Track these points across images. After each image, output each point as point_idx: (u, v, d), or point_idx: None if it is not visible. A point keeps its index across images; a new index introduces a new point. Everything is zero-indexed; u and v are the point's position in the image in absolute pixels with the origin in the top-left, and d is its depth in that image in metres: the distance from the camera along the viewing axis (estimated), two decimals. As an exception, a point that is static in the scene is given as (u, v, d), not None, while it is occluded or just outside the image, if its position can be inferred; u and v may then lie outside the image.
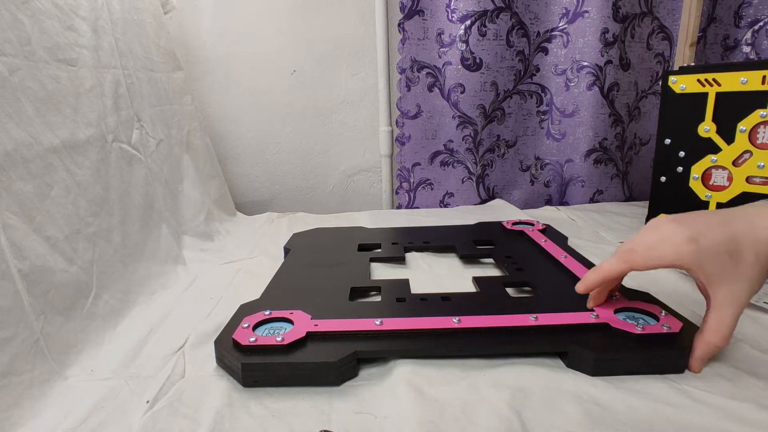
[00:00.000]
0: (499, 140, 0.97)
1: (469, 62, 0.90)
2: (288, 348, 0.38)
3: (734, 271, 0.34)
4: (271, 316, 0.43)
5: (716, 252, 0.34)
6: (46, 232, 0.43)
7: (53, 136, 0.47)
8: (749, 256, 0.34)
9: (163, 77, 0.76)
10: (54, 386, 0.37)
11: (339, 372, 0.37)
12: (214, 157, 0.89)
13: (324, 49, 0.97)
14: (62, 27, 0.52)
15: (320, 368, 0.37)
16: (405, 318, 0.43)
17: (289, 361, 0.37)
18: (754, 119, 0.57)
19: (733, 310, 0.35)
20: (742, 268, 0.34)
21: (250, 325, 0.41)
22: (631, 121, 0.97)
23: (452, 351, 0.40)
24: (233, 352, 0.38)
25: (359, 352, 0.38)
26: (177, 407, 0.35)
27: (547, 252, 0.60)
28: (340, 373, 0.37)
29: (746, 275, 0.34)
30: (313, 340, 0.40)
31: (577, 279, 0.50)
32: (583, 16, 0.89)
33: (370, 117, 1.01)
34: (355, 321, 0.42)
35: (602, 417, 0.33)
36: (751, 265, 0.34)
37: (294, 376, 0.37)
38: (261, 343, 0.38)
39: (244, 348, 0.38)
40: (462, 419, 0.33)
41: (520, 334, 0.41)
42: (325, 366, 0.37)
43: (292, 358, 0.37)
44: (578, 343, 0.38)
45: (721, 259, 0.34)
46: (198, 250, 0.69)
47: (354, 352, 0.38)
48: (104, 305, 0.47)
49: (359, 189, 1.06)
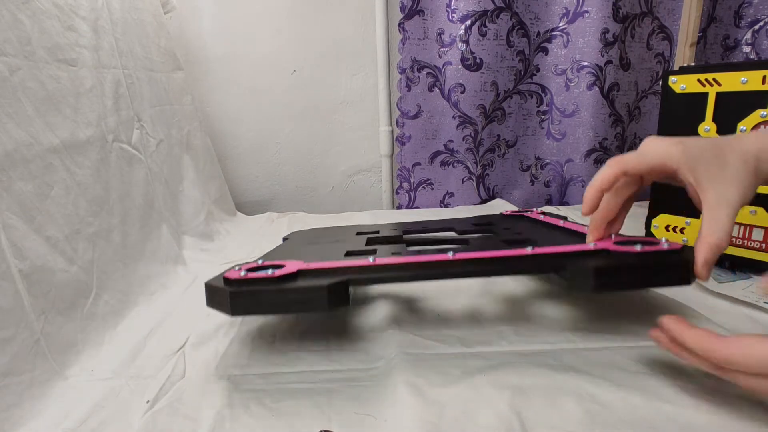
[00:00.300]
0: (500, 140, 0.97)
1: (470, 62, 0.90)
2: (279, 279, 0.37)
3: (721, 174, 0.35)
4: (264, 264, 0.41)
5: (702, 154, 0.35)
6: (46, 232, 0.43)
7: (53, 136, 0.47)
8: (736, 161, 0.35)
9: (163, 77, 0.76)
10: (54, 386, 0.37)
11: (330, 297, 0.35)
12: (214, 157, 0.89)
13: (324, 49, 0.97)
14: (62, 27, 0.52)
15: (311, 292, 0.35)
16: (399, 257, 0.41)
17: (279, 288, 0.36)
18: (755, 119, 0.56)
19: (727, 210, 0.34)
20: (730, 171, 0.35)
21: (242, 269, 0.40)
22: (631, 121, 0.97)
23: (446, 275, 0.38)
24: (223, 287, 0.37)
25: (351, 280, 0.37)
26: (177, 407, 0.35)
27: (547, 223, 0.58)
28: (331, 298, 0.35)
29: (735, 178, 0.35)
30: (304, 276, 0.38)
31: (577, 233, 0.48)
32: (583, 16, 0.89)
33: (370, 117, 1.01)
34: (348, 261, 0.41)
35: (602, 416, 0.32)
36: (737, 169, 0.35)
37: (284, 302, 0.36)
38: (251, 276, 0.37)
39: (234, 281, 0.37)
40: (462, 419, 0.33)
41: (518, 261, 0.38)
42: (317, 289, 0.35)
43: (283, 286, 0.36)
44: (578, 261, 0.36)
45: (707, 161, 0.35)
46: (198, 250, 0.69)
47: (346, 279, 0.36)
48: (104, 305, 0.47)
49: (359, 189, 1.06)
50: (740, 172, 0.34)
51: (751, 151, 0.35)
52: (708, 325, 0.43)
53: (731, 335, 0.31)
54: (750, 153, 0.35)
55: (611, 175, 0.38)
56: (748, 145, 0.35)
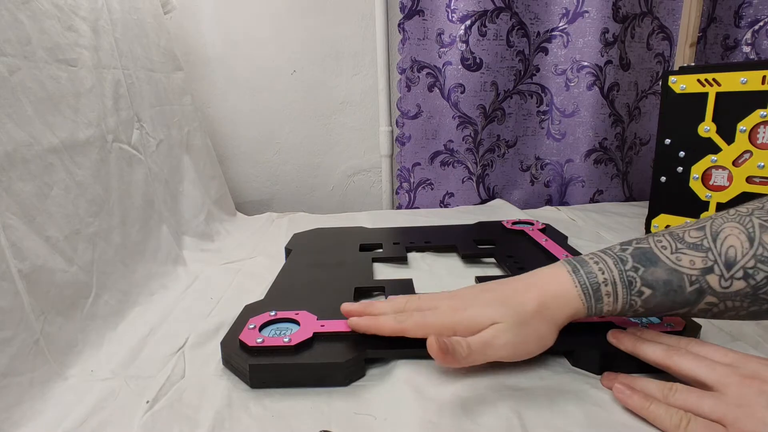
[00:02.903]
0: (500, 140, 0.97)
1: (469, 62, 0.90)
2: (295, 349, 0.38)
3: None
4: (277, 317, 0.43)
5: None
6: (46, 233, 0.43)
7: (53, 136, 0.47)
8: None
9: (163, 77, 0.76)
10: (54, 387, 0.37)
11: (346, 373, 0.37)
12: (214, 157, 0.89)
13: (324, 49, 0.97)
14: (62, 27, 0.52)
15: (328, 369, 0.37)
16: None
17: (297, 362, 0.37)
18: (754, 119, 0.57)
19: None
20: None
21: (257, 326, 0.41)
22: (631, 121, 0.97)
23: None
24: (240, 354, 0.38)
25: (367, 352, 0.38)
26: (177, 407, 0.35)
27: (548, 251, 0.60)
28: (347, 373, 0.37)
29: None
30: (320, 341, 0.40)
31: None
32: (583, 16, 0.89)
33: (370, 117, 1.01)
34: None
35: (603, 417, 0.32)
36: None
37: (302, 376, 0.37)
38: (268, 344, 0.38)
39: (252, 349, 0.38)
40: (462, 419, 0.33)
41: None
42: (334, 366, 0.37)
43: (300, 359, 0.37)
44: (584, 342, 0.38)
45: None
46: (198, 251, 0.69)
47: (362, 353, 0.38)
48: (104, 305, 0.47)
49: (359, 189, 1.06)
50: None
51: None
52: (709, 326, 0.43)
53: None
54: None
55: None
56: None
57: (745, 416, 0.28)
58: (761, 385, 0.29)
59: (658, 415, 0.31)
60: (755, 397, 0.28)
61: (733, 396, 0.29)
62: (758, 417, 0.28)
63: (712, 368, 0.31)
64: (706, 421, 0.29)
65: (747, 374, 0.30)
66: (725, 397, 0.29)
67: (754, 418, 0.28)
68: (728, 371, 0.31)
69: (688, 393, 0.31)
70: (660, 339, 0.36)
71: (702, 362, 0.32)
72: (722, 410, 0.29)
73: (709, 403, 0.30)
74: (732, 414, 0.28)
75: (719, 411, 0.29)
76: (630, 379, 0.35)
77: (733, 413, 0.28)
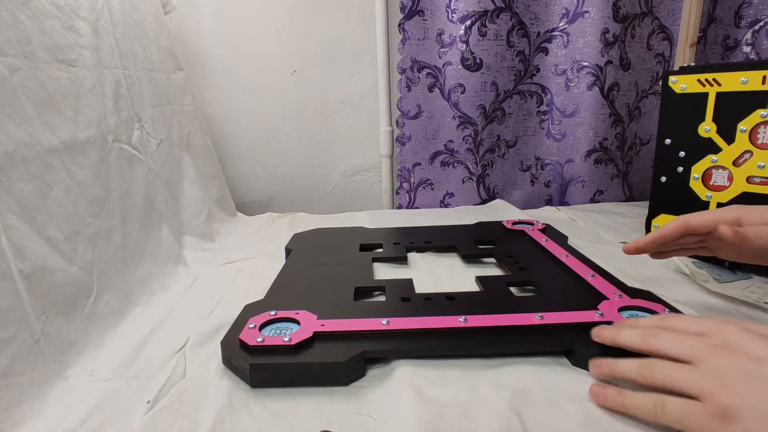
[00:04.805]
0: (500, 140, 0.97)
1: (470, 62, 0.90)
2: (296, 348, 0.38)
3: None
4: (277, 316, 0.43)
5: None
6: (46, 233, 0.43)
7: (53, 136, 0.47)
8: None
9: (163, 77, 0.76)
10: (54, 387, 0.37)
11: (347, 372, 0.37)
12: (214, 157, 0.89)
13: (324, 49, 0.97)
14: (62, 27, 0.52)
15: (328, 368, 0.37)
16: (411, 318, 0.43)
17: (297, 362, 0.37)
18: (755, 119, 0.56)
19: None
20: None
21: (257, 326, 0.41)
22: (631, 121, 0.97)
23: (459, 351, 0.40)
24: (240, 353, 0.38)
25: (367, 352, 0.38)
26: (177, 408, 0.35)
27: (549, 251, 0.60)
28: (348, 373, 0.37)
29: None
30: (320, 340, 0.40)
31: (578, 277, 0.51)
32: (583, 16, 0.89)
33: (370, 117, 1.01)
34: (361, 321, 0.42)
35: (603, 417, 0.32)
36: None
37: (302, 376, 0.37)
38: (268, 344, 0.38)
39: (252, 348, 0.38)
40: (462, 420, 0.33)
41: (527, 334, 0.41)
42: (334, 366, 0.37)
43: (300, 359, 0.37)
44: (584, 341, 0.38)
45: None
46: (199, 251, 0.69)
47: (362, 352, 0.38)
48: (105, 305, 0.47)
49: (359, 189, 1.06)
50: None
51: None
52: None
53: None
54: None
55: (674, 230, 0.42)
56: None
57: (720, 389, 0.28)
58: (732, 354, 0.29)
59: (634, 406, 0.31)
60: (728, 368, 0.28)
61: (706, 369, 0.29)
62: (733, 389, 0.27)
63: (684, 343, 0.31)
64: (681, 400, 0.29)
65: (718, 344, 0.30)
66: (699, 371, 0.29)
67: (729, 391, 0.27)
68: (700, 343, 0.30)
69: (664, 368, 0.31)
70: (637, 323, 0.36)
71: (674, 338, 0.32)
72: (698, 385, 0.29)
73: (685, 379, 0.29)
74: (708, 388, 0.28)
75: (696, 386, 0.29)
76: (612, 362, 0.34)
77: (709, 387, 0.28)
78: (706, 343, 0.30)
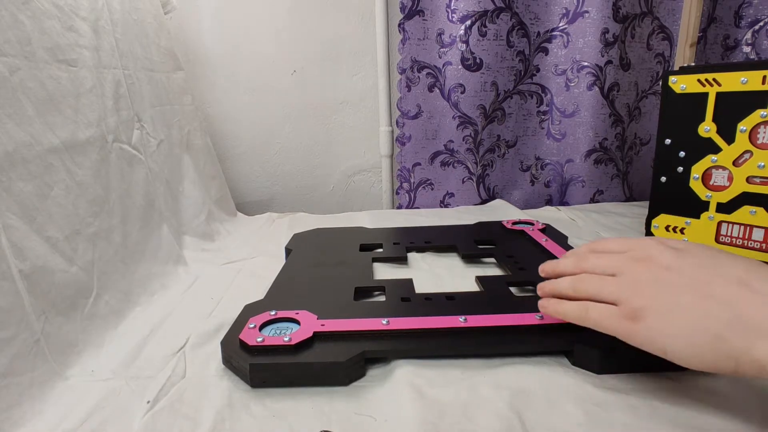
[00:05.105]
0: (500, 140, 0.97)
1: (470, 62, 0.90)
2: (296, 348, 0.38)
3: None
4: (277, 316, 0.43)
5: None
6: (46, 233, 0.43)
7: (53, 136, 0.47)
8: None
9: (163, 77, 0.76)
10: (54, 387, 0.37)
11: (347, 372, 0.37)
12: (214, 157, 0.89)
13: (324, 49, 0.97)
14: (62, 27, 0.52)
15: (328, 368, 0.37)
16: (411, 318, 0.43)
17: (297, 362, 0.37)
18: (755, 119, 0.56)
19: None
20: None
21: (257, 326, 0.41)
22: (631, 121, 0.97)
23: (459, 351, 0.40)
24: (240, 353, 0.38)
25: (367, 352, 0.38)
26: (177, 408, 0.35)
27: (549, 251, 0.60)
28: (348, 373, 0.37)
29: None
30: (320, 340, 0.40)
31: None
32: (583, 16, 0.89)
33: (370, 117, 1.01)
34: (361, 321, 0.42)
35: (603, 418, 0.32)
36: None
37: (302, 376, 0.37)
38: (268, 344, 0.38)
39: (252, 348, 0.38)
40: (462, 420, 0.33)
41: (527, 334, 0.41)
42: (334, 366, 0.37)
43: (300, 359, 0.37)
44: (584, 341, 0.38)
45: None
46: (199, 251, 0.69)
47: (362, 352, 0.38)
48: (105, 305, 0.47)
49: (359, 189, 1.06)
50: None
51: None
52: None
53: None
54: None
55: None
56: None
57: (635, 294, 0.32)
58: (649, 265, 0.33)
59: (567, 312, 0.36)
60: (644, 275, 0.33)
61: (625, 279, 0.33)
62: (646, 293, 0.32)
63: (610, 259, 0.35)
64: (601, 305, 0.33)
65: (639, 257, 0.34)
66: (620, 281, 0.33)
67: (643, 294, 0.32)
68: (623, 258, 0.35)
69: (591, 281, 0.35)
70: (573, 252, 0.40)
71: (602, 258, 0.36)
72: (618, 292, 0.33)
73: (607, 288, 0.34)
74: (623, 294, 0.32)
75: (615, 294, 0.33)
76: (553, 282, 0.38)
77: (625, 294, 0.32)
78: (627, 257, 0.34)
